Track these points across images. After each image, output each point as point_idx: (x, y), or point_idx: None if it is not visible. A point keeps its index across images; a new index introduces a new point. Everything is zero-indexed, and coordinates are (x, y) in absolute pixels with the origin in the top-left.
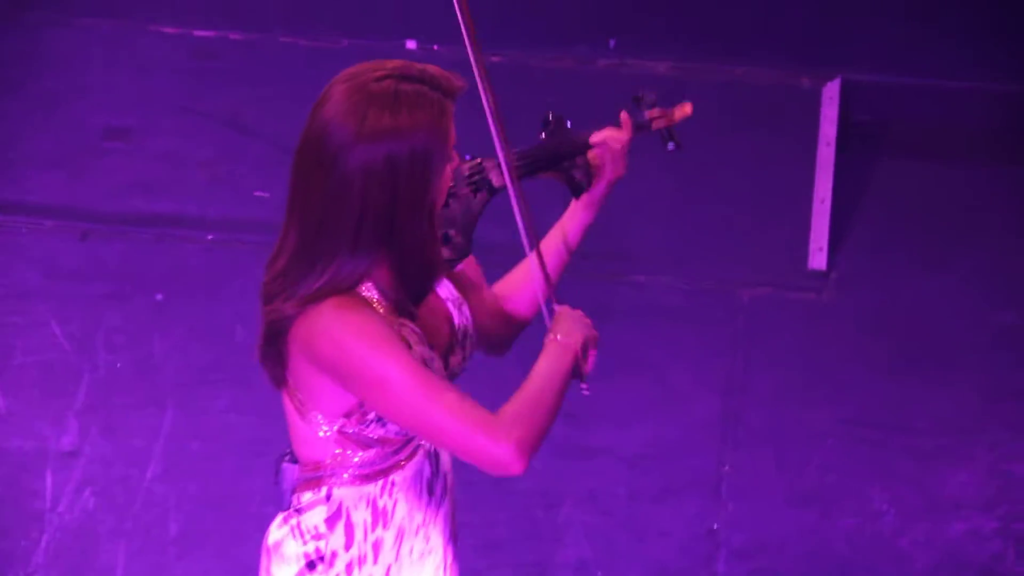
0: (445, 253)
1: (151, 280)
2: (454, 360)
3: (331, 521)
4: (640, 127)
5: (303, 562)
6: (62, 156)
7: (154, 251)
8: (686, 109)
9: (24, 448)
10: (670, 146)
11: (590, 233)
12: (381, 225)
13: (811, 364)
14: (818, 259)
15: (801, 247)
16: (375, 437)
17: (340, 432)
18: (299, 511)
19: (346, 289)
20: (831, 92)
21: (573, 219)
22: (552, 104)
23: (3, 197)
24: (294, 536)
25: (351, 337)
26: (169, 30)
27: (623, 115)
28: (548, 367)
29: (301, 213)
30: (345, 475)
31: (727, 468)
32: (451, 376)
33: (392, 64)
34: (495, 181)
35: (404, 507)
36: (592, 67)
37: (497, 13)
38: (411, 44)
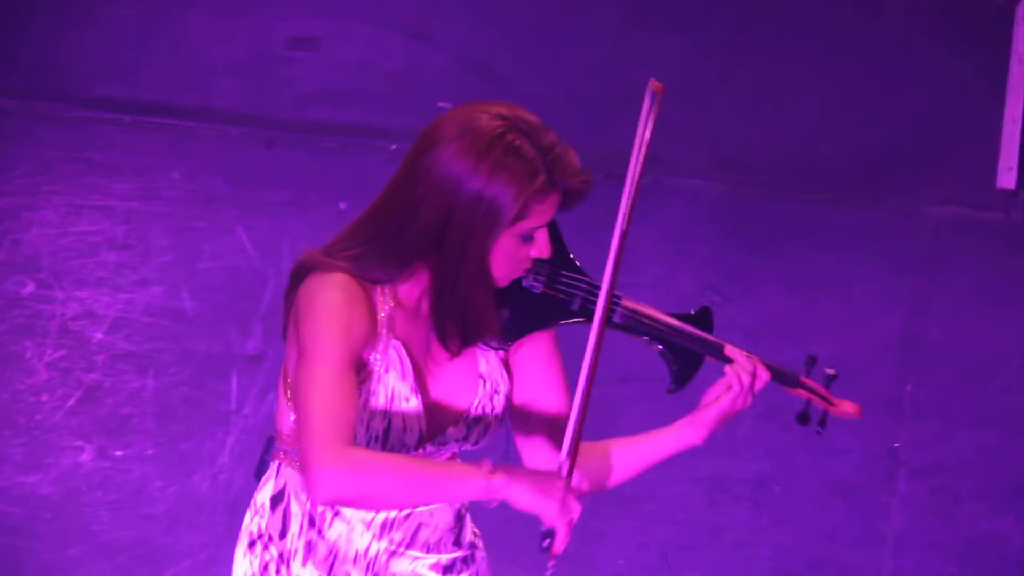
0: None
1: (335, 188)
2: (453, 430)
3: (274, 501)
4: (782, 380)
5: (247, 540)
6: (249, 64)
7: (338, 160)
8: (849, 410)
9: (210, 351)
10: (812, 426)
11: (776, 150)
12: (424, 237)
13: (997, 284)
14: (1007, 178)
15: (990, 166)
16: None
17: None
18: (259, 484)
19: (362, 276)
20: None
21: (674, 431)
22: None
23: (191, 103)
24: (249, 509)
25: (314, 307)
26: None
27: (760, 363)
28: (446, 471)
29: (381, 193)
30: (296, 455)
31: (909, 387)
32: (442, 442)
33: (527, 118)
34: (575, 304)
35: (343, 526)
36: None
37: None
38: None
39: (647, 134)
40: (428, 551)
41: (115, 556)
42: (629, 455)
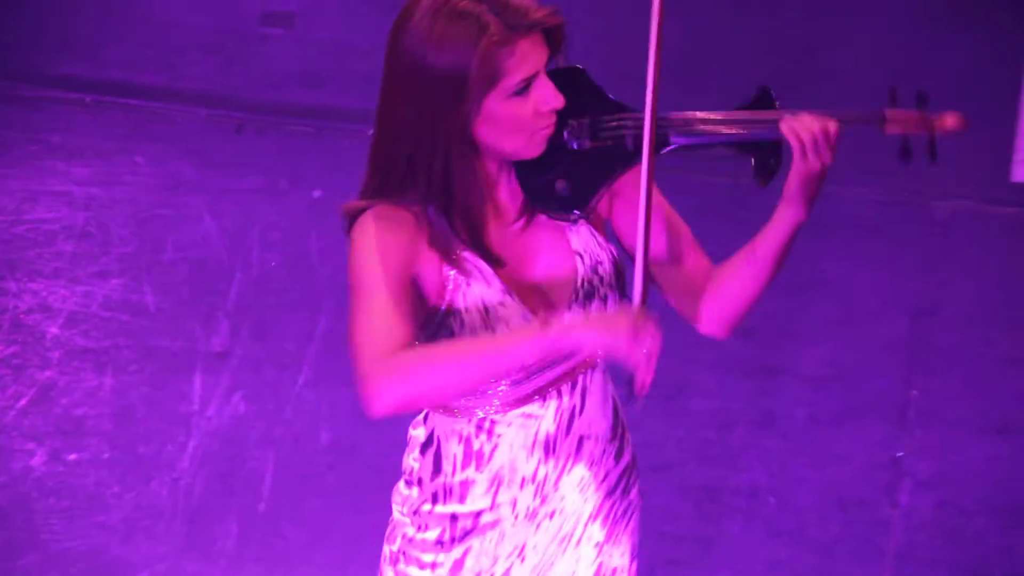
0: (548, 203)
1: (308, 175)
2: (569, 314)
3: (424, 446)
4: (861, 121)
5: (404, 476)
6: (219, 42)
7: (312, 145)
8: (955, 120)
9: (172, 348)
10: (920, 160)
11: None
12: (404, 143)
13: (1010, 283)
14: (1021, 171)
15: (1004, 158)
16: None
17: None
18: (414, 425)
19: (399, 203)
20: None
21: (775, 216)
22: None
23: (157, 83)
24: (408, 445)
25: (353, 253)
26: None
27: (816, 116)
28: (498, 343)
29: (375, 121)
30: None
31: (915, 392)
32: None
33: None
34: (628, 143)
35: (505, 456)
36: None
37: None
38: None
39: None
40: (592, 464)
41: (68, 567)
42: (751, 259)
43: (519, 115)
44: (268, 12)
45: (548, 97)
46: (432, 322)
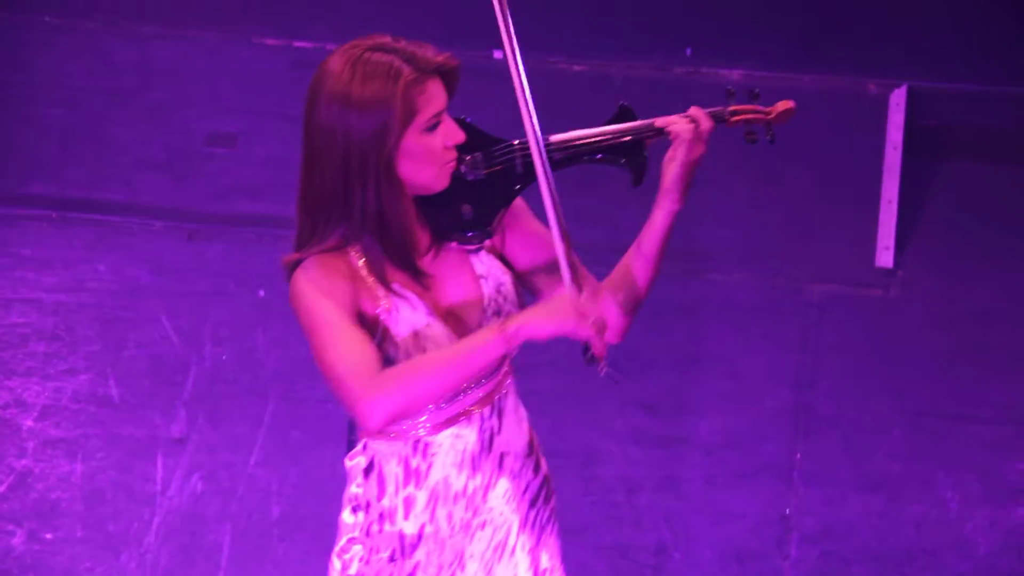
0: (455, 228)
1: (254, 277)
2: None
3: (367, 472)
4: (717, 118)
5: (350, 505)
6: (170, 161)
7: (256, 249)
8: (785, 107)
9: (136, 435)
10: (762, 141)
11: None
12: (337, 186)
13: (878, 357)
14: (885, 257)
15: (868, 246)
16: None
17: None
18: (350, 456)
19: (331, 248)
20: (898, 98)
21: (655, 209)
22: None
23: (116, 199)
24: (348, 475)
25: (299, 298)
26: (271, 41)
27: (693, 108)
28: (465, 347)
29: (299, 174)
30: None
31: (799, 456)
32: None
33: (376, 40)
34: (518, 167)
35: (439, 473)
36: (669, 74)
37: (575, 24)
38: (497, 55)
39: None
40: (514, 478)
41: None
42: (637, 255)
43: (431, 148)
44: (213, 133)
45: (453, 132)
46: None
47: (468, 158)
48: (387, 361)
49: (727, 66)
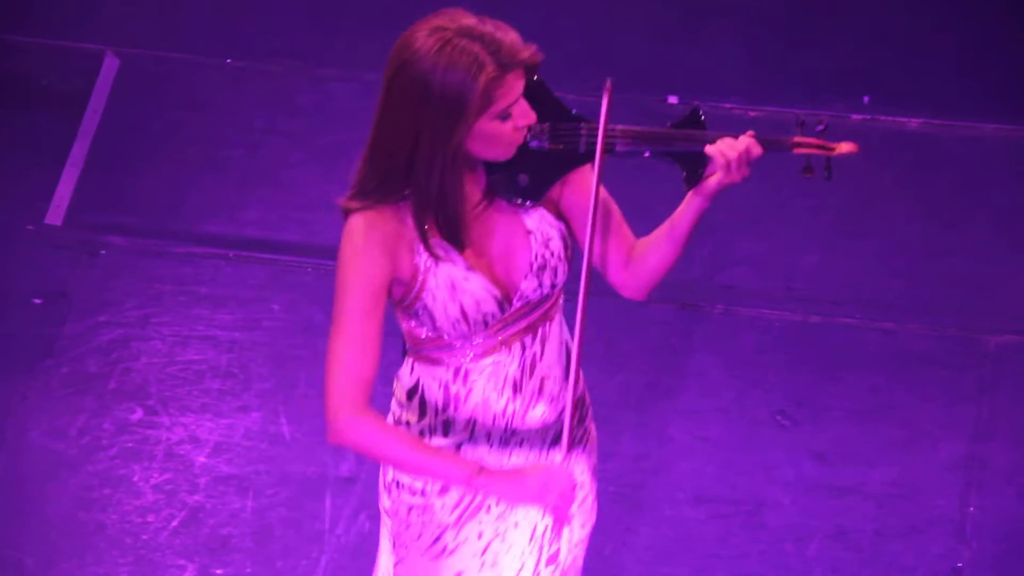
0: (509, 193)
1: None
2: (525, 283)
3: (409, 394)
4: (774, 145)
5: (393, 418)
6: None
7: None
8: (848, 148)
9: (306, 472)
10: (819, 174)
11: (842, 281)
12: (403, 158)
13: None
14: None
15: None
16: (413, 327)
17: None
18: (399, 376)
19: (379, 203)
20: None
21: (685, 202)
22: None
23: (291, 239)
24: (394, 391)
25: (338, 264)
26: None
27: (749, 134)
28: (434, 461)
29: (371, 129)
30: (421, 351)
31: (972, 509)
32: (524, 297)
33: (464, 22)
34: (580, 148)
35: (479, 396)
36: (846, 121)
37: (754, 71)
38: (673, 99)
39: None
40: (551, 402)
41: None
42: (662, 236)
43: (502, 132)
44: None
45: (527, 115)
46: (407, 298)
47: (536, 127)
48: (424, 311)
49: (905, 114)
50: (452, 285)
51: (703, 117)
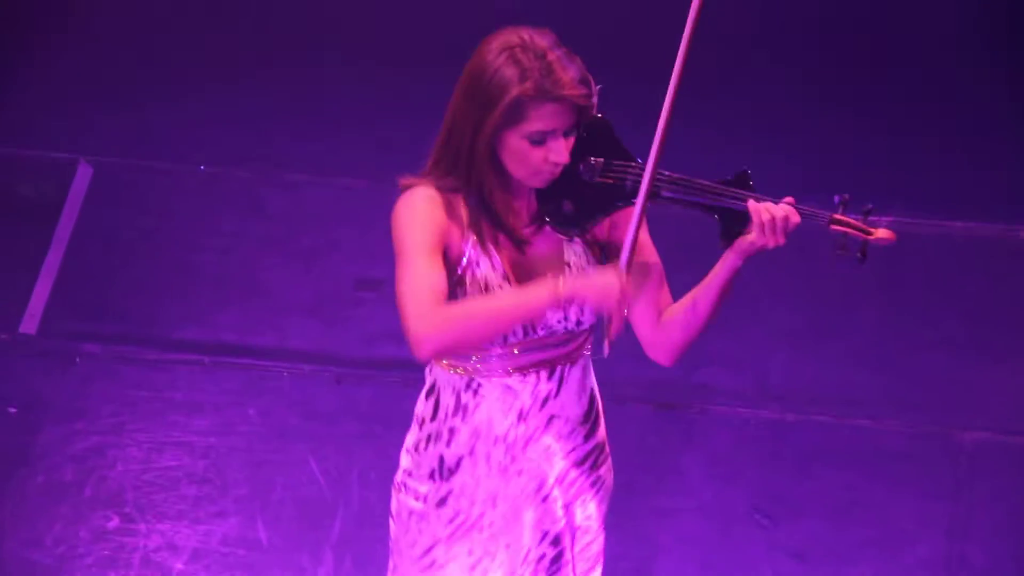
0: (554, 217)
1: (400, 421)
2: (552, 314)
3: (428, 393)
4: (812, 218)
5: (416, 421)
6: (319, 306)
7: (404, 394)
8: (888, 234)
9: None
10: (852, 255)
11: (817, 380)
12: (457, 149)
13: None
14: None
15: (1021, 394)
16: None
17: None
18: (425, 373)
19: (441, 186)
20: None
21: (720, 260)
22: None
23: (267, 344)
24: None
25: (397, 218)
26: None
27: (789, 199)
28: (519, 297)
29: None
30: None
31: None
32: (547, 326)
33: (537, 41)
34: (628, 186)
35: (484, 414)
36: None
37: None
38: None
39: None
40: (560, 439)
41: None
42: (697, 298)
43: (528, 155)
44: (361, 279)
45: (559, 152)
46: (449, 281)
47: (592, 160)
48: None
49: (877, 213)
50: (486, 288)
51: (751, 182)
